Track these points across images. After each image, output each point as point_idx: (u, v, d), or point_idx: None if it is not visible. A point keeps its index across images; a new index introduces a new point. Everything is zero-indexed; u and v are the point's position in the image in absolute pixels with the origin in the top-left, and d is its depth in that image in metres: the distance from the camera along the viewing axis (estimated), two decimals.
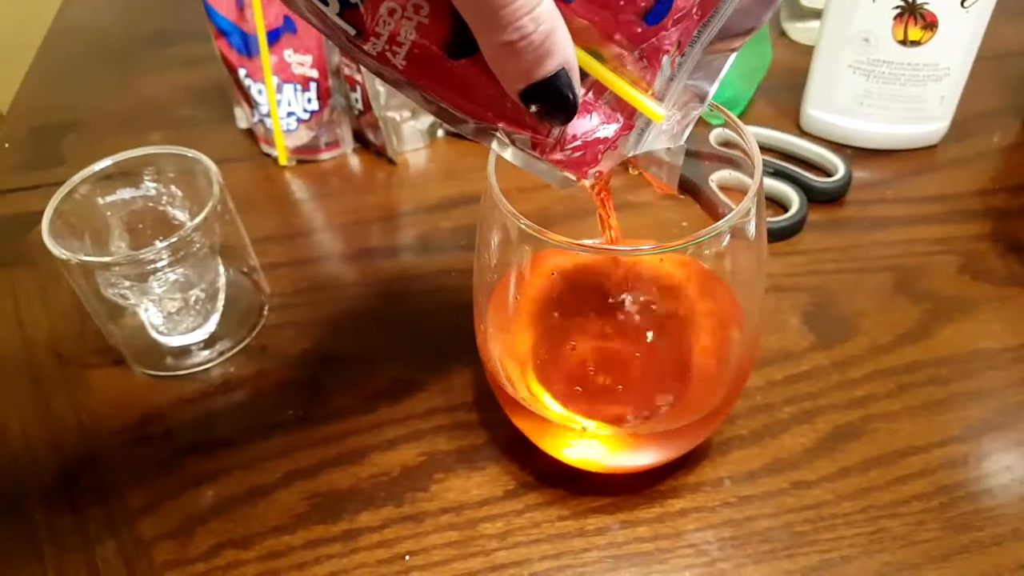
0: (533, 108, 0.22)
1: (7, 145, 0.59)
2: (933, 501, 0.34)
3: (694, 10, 0.22)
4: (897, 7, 0.46)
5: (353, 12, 0.22)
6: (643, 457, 0.34)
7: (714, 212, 0.38)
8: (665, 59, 0.23)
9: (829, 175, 0.49)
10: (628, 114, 0.24)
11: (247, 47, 0.53)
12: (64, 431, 0.39)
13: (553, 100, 0.21)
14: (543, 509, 0.35)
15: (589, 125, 0.24)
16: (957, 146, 0.53)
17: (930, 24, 0.46)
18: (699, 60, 0.24)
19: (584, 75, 0.23)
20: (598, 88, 0.24)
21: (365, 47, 0.23)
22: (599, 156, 0.25)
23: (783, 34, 0.64)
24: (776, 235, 0.46)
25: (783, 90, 0.57)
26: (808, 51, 0.52)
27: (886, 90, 0.49)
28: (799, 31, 0.63)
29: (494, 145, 0.25)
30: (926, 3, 0.45)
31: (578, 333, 0.32)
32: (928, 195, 0.49)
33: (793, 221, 0.46)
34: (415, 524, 0.34)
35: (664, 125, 0.25)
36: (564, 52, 0.21)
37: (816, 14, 0.58)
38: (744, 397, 0.39)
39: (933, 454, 0.36)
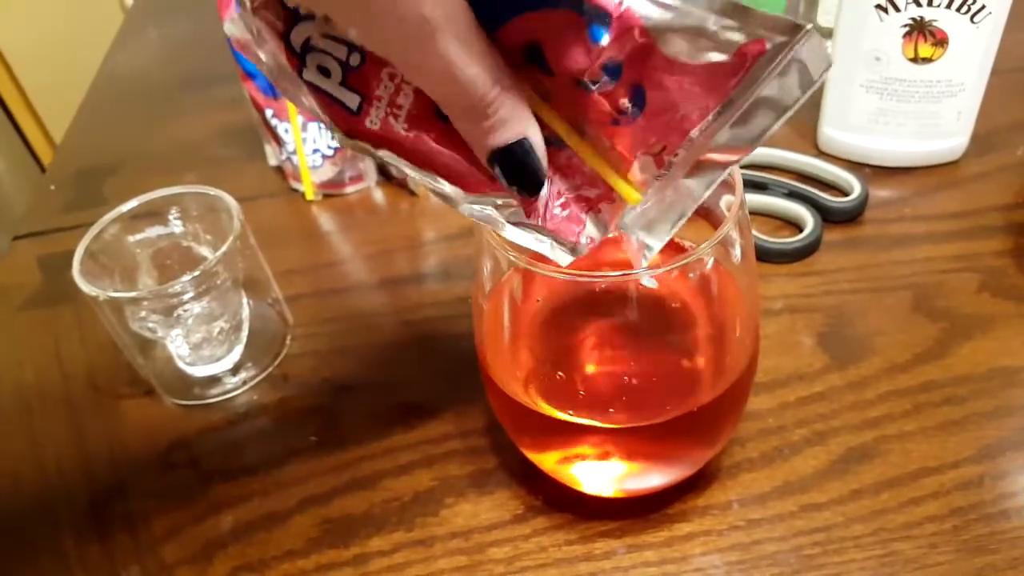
0: (501, 176, 0.24)
1: (52, 187, 0.62)
2: (947, 523, 0.34)
3: (684, 122, 0.23)
4: (906, 25, 0.46)
5: (356, 75, 0.23)
6: (645, 479, 0.34)
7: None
8: (643, 157, 0.24)
9: (846, 194, 0.49)
10: (608, 186, 0.25)
11: (272, 89, 0.55)
12: (96, 460, 0.41)
13: (517, 166, 0.24)
14: (550, 533, 0.35)
15: (572, 183, 0.25)
16: (978, 161, 0.52)
17: (940, 41, 0.45)
18: (693, 167, 0.24)
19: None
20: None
21: (367, 120, 0.24)
22: (584, 214, 0.26)
23: None
24: (790, 256, 0.46)
25: (800, 110, 0.56)
26: None
27: (900, 107, 0.49)
28: None
29: (499, 227, 0.26)
30: (935, 20, 0.45)
31: (570, 355, 0.33)
32: (948, 211, 0.49)
33: (807, 242, 0.46)
34: (425, 548, 0.35)
35: (646, 212, 0.25)
36: (521, 125, 0.23)
37: (830, 33, 0.59)
38: (755, 419, 0.38)
39: (948, 475, 0.35)
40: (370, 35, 0.22)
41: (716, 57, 0.22)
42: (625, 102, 0.23)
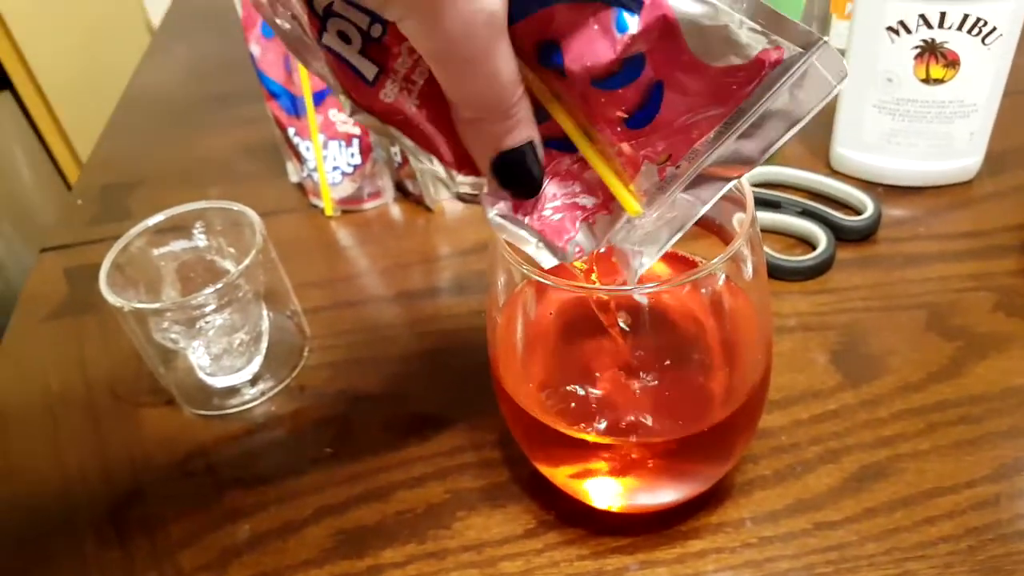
0: (500, 178, 0.24)
1: (80, 202, 0.64)
2: (962, 543, 0.33)
3: (692, 130, 0.23)
4: (917, 47, 0.46)
5: (376, 46, 0.23)
6: (657, 495, 0.34)
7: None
8: (649, 166, 0.24)
9: (859, 213, 0.49)
10: (608, 196, 0.25)
11: (295, 108, 0.56)
12: (116, 467, 0.42)
13: (519, 170, 0.24)
14: (562, 548, 0.35)
15: (569, 189, 0.26)
16: (992, 181, 0.52)
17: (952, 62, 0.46)
18: (695, 179, 0.24)
19: (574, 147, 0.25)
20: (584, 163, 0.25)
21: (382, 92, 0.24)
22: (576, 223, 0.26)
23: None
24: (803, 274, 0.46)
25: (814, 130, 0.56)
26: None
27: (913, 128, 0.49)
28: None
29: (484, 208, 0.26)
30: (946, 42, 0.45)
31: (583, 369, 0.33)
32: (962, 231, 0.49)
33: (820, 260, 0.46)
34: (437, 561, 0.35)
35: (641, 227, 0.25)
36: (531, 129, 0.23)
37: (842, 54, 0.59)
38: (768, 437, 0.39)
39: (963, 495, 0.35)
40: (432, 32, 0.21)
41: (735, 60, 0.22)
42: (640, 101, 0.23)
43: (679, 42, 0.22)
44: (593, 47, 0.21)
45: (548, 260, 0.26)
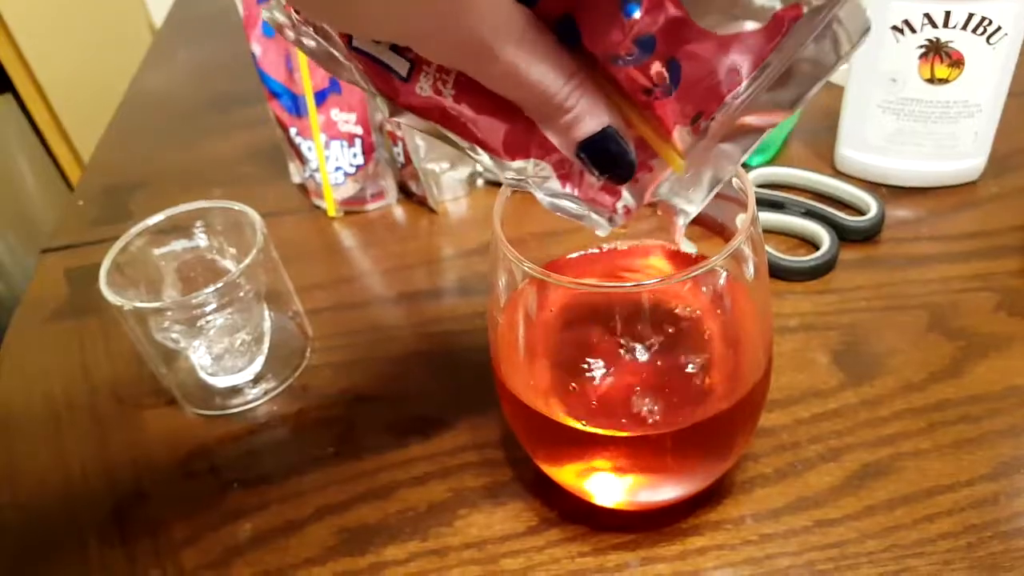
0: (590, 168, 0.24)
1: (81, 203, 0.64)
2: (961, 540, 0.33)
3: (720, 87, 0.23)
4: (922, 46, 0.46)
5: None
6: (658, 491, 0.34)
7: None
8: (681, 128, 0.24)
9: (863, 214, 0.49)
10: (647, 155, 0.25)
11: (297, 108, 0.56)
12: (119, 468, 0.42)
13: (607, 153, 0.24)
14: (564, 545, 0.35)
15: None
16: (996, 182, 0.52)
17: (956, 62, 0.46)
18: (730, 131, 0.24)
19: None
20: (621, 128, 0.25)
21: (417, 86, 0.24)
22: (620, 187, 0.26)
23: None
24: (806, 274, 0.46)
25: (819, 131, 0.57)
26: (841, 92, 0.53)
27: (917, 128, 0.49)
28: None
29: (533, 191, 0.26)
30: (951, 41, 0.45)
31: (584, 366, 0.33)
32: (966, 231, 0.49)
33: (823, 260, 0.46)
34: (439, 558, 0.36)
35: (680, 180, 0.26)
36: (601, 114, 0.23)
37: None
38: (769, 436, 0.39)
39: (962, 493, 0.35)
40: (437, 58, 0.23)
41: (751, 26, 0.21)
42: (660, 75, 0.23)
43: (687, 22, 0.21)
44: (605, 27, 0.21)
45: (603, 228, 0.26)
